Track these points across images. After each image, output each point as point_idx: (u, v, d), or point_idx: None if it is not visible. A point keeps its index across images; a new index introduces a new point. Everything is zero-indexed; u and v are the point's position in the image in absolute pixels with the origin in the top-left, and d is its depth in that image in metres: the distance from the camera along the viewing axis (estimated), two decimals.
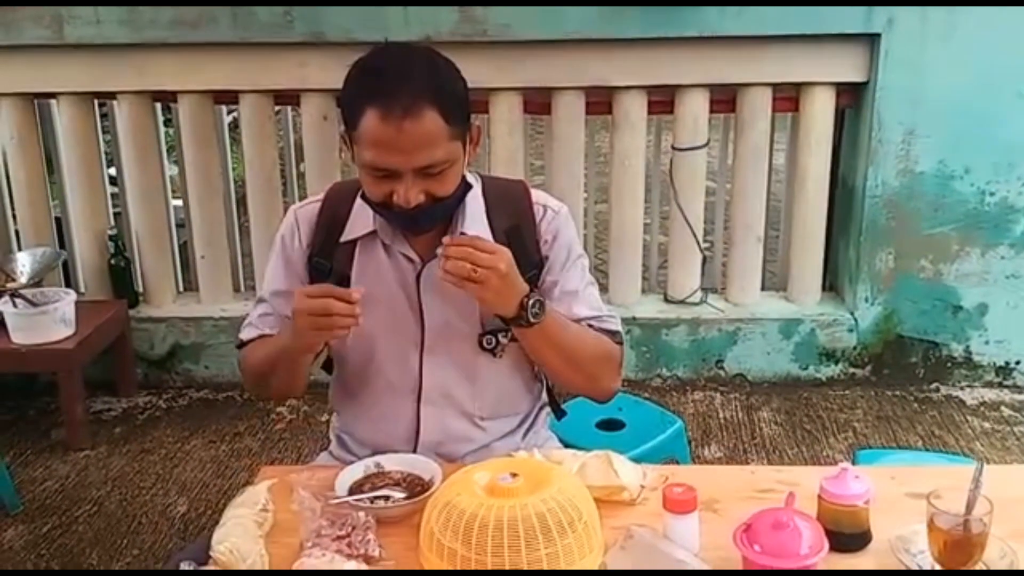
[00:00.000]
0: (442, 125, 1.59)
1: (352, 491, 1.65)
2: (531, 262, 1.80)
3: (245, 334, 1.90)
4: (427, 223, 1.70)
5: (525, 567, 1.38)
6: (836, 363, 3.85)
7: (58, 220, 4.08)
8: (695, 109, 3.67)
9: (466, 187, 1.74)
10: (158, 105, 3.93)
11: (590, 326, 1.82)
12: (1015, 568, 1.41)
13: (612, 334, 1.84)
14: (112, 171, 4.17)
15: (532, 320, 1.67)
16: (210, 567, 1.49)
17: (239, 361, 1.94)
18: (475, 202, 1.79)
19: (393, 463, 1.72)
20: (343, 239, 1.81)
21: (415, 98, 1.56)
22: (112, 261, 3.90)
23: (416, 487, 1.65)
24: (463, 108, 1.65)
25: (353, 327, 1.64)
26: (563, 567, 1.40)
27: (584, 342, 1.80)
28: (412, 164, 1.59)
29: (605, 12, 3.48)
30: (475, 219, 1.78)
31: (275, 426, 3.62)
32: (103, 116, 4.05)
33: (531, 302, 1.66)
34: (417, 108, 1.56)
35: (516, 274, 1.65)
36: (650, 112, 3.72)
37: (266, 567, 1.48)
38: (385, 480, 1.68)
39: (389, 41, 1.68)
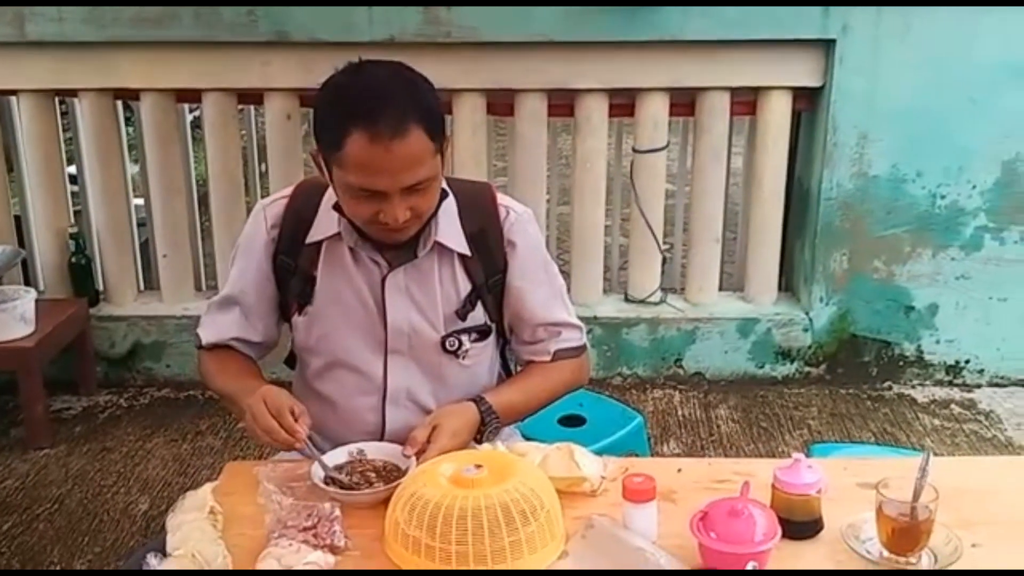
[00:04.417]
0: (427, 142, 1.62)
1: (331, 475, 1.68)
2: (495, 267, 1.85)
3: (206, 335, 1.92)
4: (409, 237, 1.75)
5: (488, 555, 1.42)
6: (792, 362, 3.93)
7: (17, 218, 4.04)
8: (655, 112, 3.72)
9: (443, 196, 1.77)
10: (119, 103, 3.92)
11: (555, 354, 1.91)
12: (958, 554, 1.47)
13: (575, 350, 1.94)
14: (72, 169, 4.14)
15: (493, 434, 1.82)
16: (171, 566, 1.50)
17: (199, 361, 1.96)
18: (449, 209, 1.81)
19: (374, 451, 1.77)
20: (309, 240, 1.83)
21: (401, 118, 1.58)
22: (72, 259, 3.88)
23: (393, 476, 1.69)
24: (442, 122, 1.68)
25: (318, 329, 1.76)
26: (525, 555, 1.45)
27: (549, 391, 1.94)
28: (401, 184, 1.62)
29: (568, 15, 3.52)
30: (449, 226, 1.81)
31: (237, 424, 3.62)
32: (63, 114, 4.02)
33: (486, 431, 1.80)
34: (404, 128, 1.58)
35: (460, 426, 1.75)
36: (611, 115, 3.77)
37: (229, 568, 1.49)
38: (365, 466, 1.72)
39: (362, 60, 1.68)
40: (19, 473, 3.30)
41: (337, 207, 1.75)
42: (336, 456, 1.73)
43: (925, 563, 1.47)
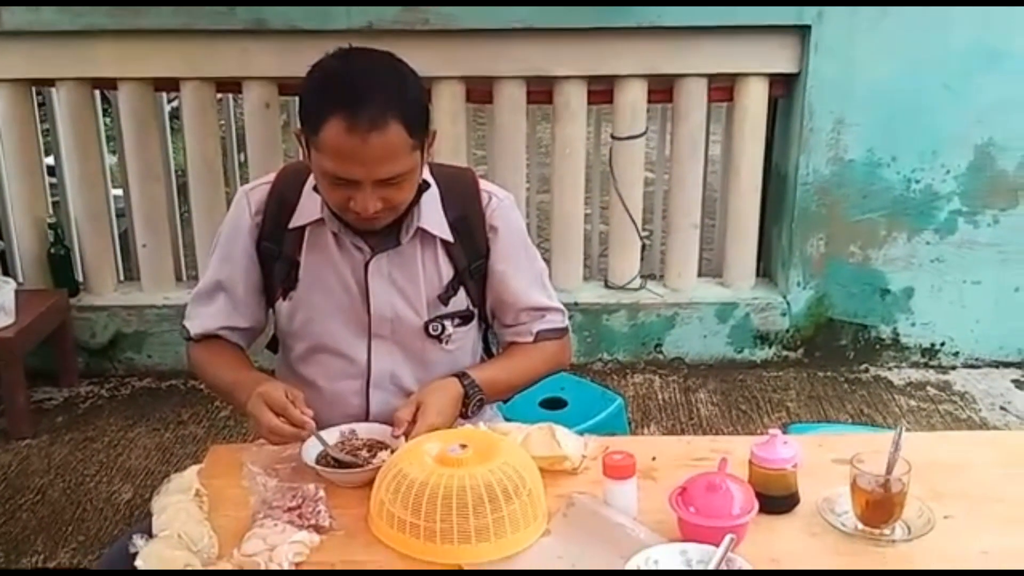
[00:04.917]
0: (405, 138, 1.61)
1: (323, 454, 1.70)
2: (477, 252, 1.87)
3: (193, 326, 1.92)
4: (383, 226, 1.75)
5: (472, 532, 1.45)
6: (770, 346, 3.97)
7: None
8: (633, 99, 3.75)
9: (423, 187, 1.78)
10: (97, 93, 3.90)
11: (537, 335, 1.92)
12: (931, 525, 1.51)
13: (557, 332, 1.96)
14: (50, 160, 4.12)
15: (478, 408, 1.84)
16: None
17: (188, 353, 1.96)
18: (431, 195, 1.82)
19: (365, 432, 1.79)
20: (292, 225, 1.83)
21: (381, 111, 1.58)
22: (52, 250, 3.87)
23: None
24: (425, 117, 1.68)
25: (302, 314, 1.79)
26: (508, 533, 1.47)
27: (531, 370, 1.95)
28: (374, 176, 1.62)
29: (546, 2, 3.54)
30: (431, 213, 1.82)
31: (219, 413, 3.62)
32: (40, 105, 4.00)
33: (471, 404, 1.81)
34: (383, 121, 1.58)
35: (445, 403, 1.77)
36: (590, 102, 3.78)
37: (215, 548, 1.50)
38: (357, 444, 1.75)
39: (352, 47, 1.68)
40: (1, 464, 3.30)
41: (317, 189, 1.76)
42: (328, 436, 1.74)
43: (899, 535, 1.50)
